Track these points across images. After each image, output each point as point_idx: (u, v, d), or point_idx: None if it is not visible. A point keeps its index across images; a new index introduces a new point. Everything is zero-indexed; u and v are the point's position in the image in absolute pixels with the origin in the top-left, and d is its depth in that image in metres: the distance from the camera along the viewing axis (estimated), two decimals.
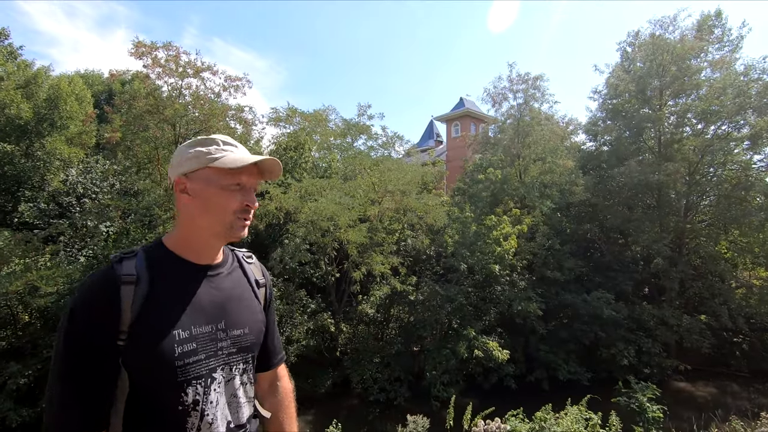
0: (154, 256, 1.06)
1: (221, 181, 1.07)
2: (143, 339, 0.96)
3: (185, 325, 1.01)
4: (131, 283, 0.97)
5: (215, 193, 1.06)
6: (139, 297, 0.97)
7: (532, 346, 12.69)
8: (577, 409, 6.29)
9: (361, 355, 12.34)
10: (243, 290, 1.19)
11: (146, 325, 0.96)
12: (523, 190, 15.26)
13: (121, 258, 1.02)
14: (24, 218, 12.86)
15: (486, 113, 23.66)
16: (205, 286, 1.09)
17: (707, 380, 13.48)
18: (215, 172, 1.06)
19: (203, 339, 1.04)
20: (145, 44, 10.19)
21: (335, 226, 11.46)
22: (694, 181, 14.32)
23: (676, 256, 14.24)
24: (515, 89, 16.41)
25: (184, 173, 1.08)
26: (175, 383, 0.98)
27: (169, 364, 0.97)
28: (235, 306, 1.14)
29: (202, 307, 1.06)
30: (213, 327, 1.07)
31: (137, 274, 0.99)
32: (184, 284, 1.07)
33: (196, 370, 1.01)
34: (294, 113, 13.59)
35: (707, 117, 13.77)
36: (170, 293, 1.03)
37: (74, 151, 14.98)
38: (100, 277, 0.99)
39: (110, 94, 18.08)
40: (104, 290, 0.96)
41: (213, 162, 1.06)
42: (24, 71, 14.60)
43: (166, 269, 1.05)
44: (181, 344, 0.99)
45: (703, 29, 14.13)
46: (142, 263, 1.02)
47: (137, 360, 0.95)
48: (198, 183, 1.07)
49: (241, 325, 1.13)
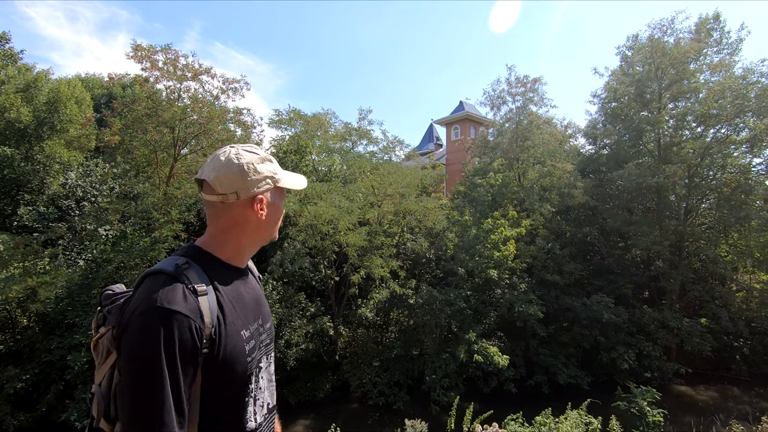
0: (206, 264, 1.11)
1: (278, 198, 1.21)
2: (223, 345, 1.03)
3: (246, 325, 1.13)
4: (205, 294, 1.03)
5: (278, 209, 1.22)
6: (213, 307, 1.04)
7: (532, 349, 12.64)
8: (577, 413, 6.26)
9: (360, 359, 12.28)
10: (259, 287, 1.32)
11: (223, 333, 1.04)
12: (522, 193, 15.25)
13: (182, 269, 1.03)
14: (23, 222, 12.85)
15: (486, 116, 23.70)
16: (246, 287, 1.21)
17: (708, 384, 13.42)
18: (278, 191, 1.21)
19: (255, 335, 1.16)
20: (143, 47, 10.20)
21: (335, 230, 11.44)
22: (694, 184, 14.31)
23: (676, 260, 14.21)
24: (514, 92, 16.43)
25: (264, 191, 1.15)
26: (246, 376, 1.10)
27: (243, 362, 1.08)
28: (262, 302, 1.28)
29: (249, 306, 1.18)
30: (258, 323, 1.19)
31: (204, 284, 1.05)
32: (236, 287, 1.16)
33: (255, 362, 1.14)
34: (297, 115, 13.59)
35: (706, 120, 13.78)
36: (229, 298, 1.11)
37: (74, 155, 14.99)
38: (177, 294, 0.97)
39: (110, 97, 18.11)
40: (189, 306, 0.97)
41: (278, 182, 1.19)
42: (24, 75, 14.63)
43: (219, 275, 1.12)
44: (247, 342, 1.11)
45: (701, 32, 14.15)
46: (201, 273, 1.07)
47: (217, 366, 1.01)
48: (270, 199, 1.18)
49: (268, 318, 1.28)
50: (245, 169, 1.13)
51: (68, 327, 9.40)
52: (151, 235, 10.59)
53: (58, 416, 8.52)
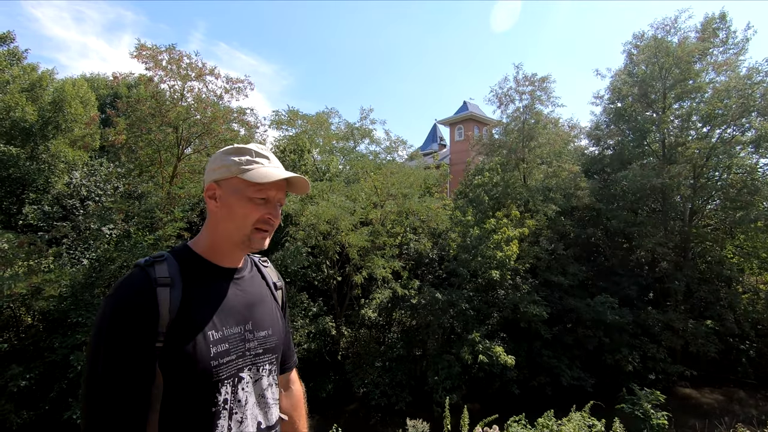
0: (184, 259, 1.08)
1: (247, 193, 1.08)
2: (180, 340, 0.97)
3: (218, 326, 1.04)
4: (167, 285, 0.99)
5: (239, 203, 1.09)
6: (175, 299, 0.99)
7: (535, 351, 12.57)
8: (580, 415, 6.21)
9: (362, 359, 12.27)
10: (264, 293, 1.23)
11: (183, 327, 0.98)
12: (527, 194, 15.19)
13: (152, 262, 1.03)
14: (28, 220, 12.93)
15: (489, 116, 23.63)
16: (232, 288, 1.12)
17: (713, 386, 13.30)
18: (243, 183, 1.09)
19: (234, 339, 1.06)
20: (147, 47, 10.24)
21: (336, 230, 11.43)
22: (699, 184, 14.19)
23: (681, 261, 14.10)
24: (521, 90, 16.34)
25: (215, 180, 1.11)
26: (210, 383, 1.00)
27: (206, 365, 0.99)
28: (259, 308, 1.17)
29: (231, 308, 1.09)
30: (241, 328, 1.10)
31: (171, 277, 1.01)
32: (214, 286, 1.09)
33: (228, 370, 1.04)
34: (295, 116, 13.60)
35: (712, 120, 13.66)
36: (202, 295, 1.05)
37: (78, 154, 15.06)
38: (135, 279, 0.99)
39: (115, 97, 18.20)
40: (143, 292, 0.96)
41: (243, 173, 1.08)
42: (29, 75, 14.72)
43: (196, 272, 1.07)
44: (215, 345, 1.02)
45: (707, 32, 14.04)
46: (174, 266, 1.04)
47: (174, 361, 0.96)
48: (226, 191, 1.10)
49: (266, 326, 1.17)
50: (211, 161, 1.14)
51: (71, 326, 9.43)
52: (155, 234, 10.61)
53: (61, 414, 8.56)
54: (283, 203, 1.17)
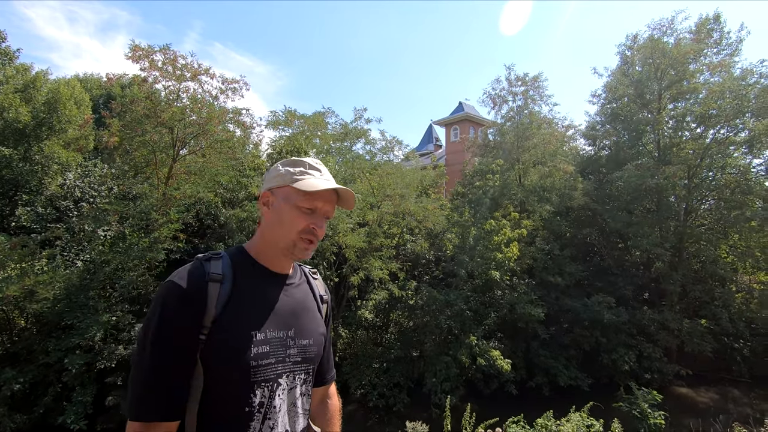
0: (238, 259, 1.14)
1: (297, 202, 1.13)
2: (223, 336, 1.00)
3: (262, 328, 1.06)
4: (218, 281, 1.04)
5: (288, 210, 1.13)
6: (223, 295, 1.03)
7: (532, 351, 12.59)
8: (579, 415, 6.23)
9: (360, 360, 12.23)
10: (311, 302, 1.25)
11: (227, 323, 1.01)
12: (522, 194, 15.22)
13: (210, 257, 1.09)
14: (21, 222, 12.78)
15: (485, 117, 23.68)
16: (280, 293, 1.16)
17: (709, 385, 13.39)
18: (294, 192, 1.13)
19: (275, 343, 1.08)
20: (141, 48, 10.16)
21: (333, 231, 11.39)
22: (694, 185, 14.28)
23: (676, 261, 14.18)
24: (514, 91, 16.40)
25: (270, 188, 1.17)
26: (247, 383, 1.02)
27: (245, 364, 1.01)
28: (304, 316, 1.19)
29: (277, 312, 1.12)
30: (284, 333, 1.11)
31: (223, 273, 1.06)
32: (263, 288, 1.13)
33: (266, 373, 1.05)
34: (293, 116, 13.54)
35: (706, 121, 13.76)
36: (250, 295, 1.09)
37: (72, 155, 14.92)
38: (190, 271, 1.04)
39: (109, 97, 18.05)
40: (194, 284, 1.01)
41: (294, 182, 1.13)
42: (23, 75, 14.56)
43: (247, 272, 1.12)
44: (257, 345, 1.04)
45: (701, 33, 14.14)
46: (228, 264, 1.10)
47: (214, 356, 0.99)
48: (278, 199, 1.15)
49: (308, 335, 1.18)
50: (271, 169, 1.22)
51: (65, 329, 9.33)
52: (150, 235, 10.52)
53: (56, 419, 8.46)
54: (330, 216, 1.19)
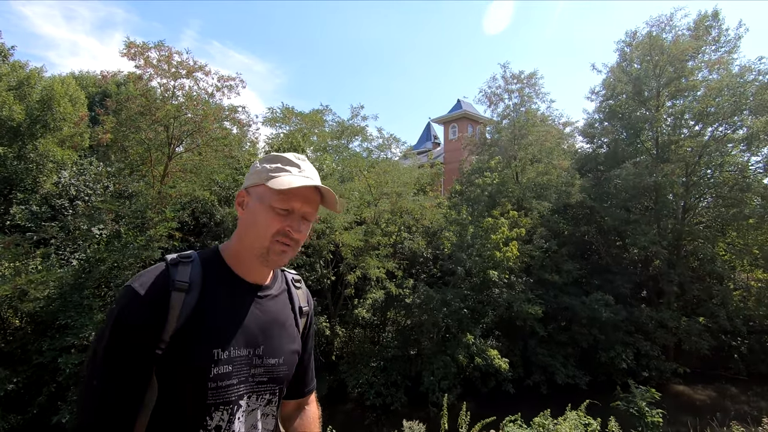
0: (209, 265, 1.03)
1: (272, 202, 1.01)
2: (182, 352, 0.91)
3: (225, 345, 0.96)
4: (183, 290, 0.94)
5: (262, 212, 1.02)
6: (188, 307, 0.93)
7: (530, 349, 12.57)
8: (576, 414, 6.19)
9: (357, 359, 12.19)
10: (286, 316, 1.14)
11: (188, 339, 0.92)
12: (519, 191, 15.17)
13: (178, 262, 0.99)
14: (16, 221, 12.67)
15: (483, 115, 23.62)
16: (251, 307, 1.05)
17: (706, 383, 13.39)
18: (268, 191, 1.01)
19: (239, 363, 0.98)
20: (136, 44, 10.05)
21: (330, 228, 11.33)
22: (692, 182, 14.27)
23: (674, 259, 14.17)
24: (510, 89, 16.35)
25: (246, 187, 1.07)
26: (203, 405, 0.92)
27: (202, 385, 0.92)
28: (277, 333, 1.09)
29: (246, 328, 1.01)
30: (250, 351, 1.01)
31: (190, 282, 0.96)
32: (233, 300, 1.02)
33: (226, 395, 0.95)
34: (290, 113, 13.45)
35: (704, 118, 13.74)
36: (217, 308, 0.98)
37: (67, 153, 14.79)
38: (153, 277, 0.95)
39: (104, 95, 17.92)
40: (155, 292, 0.92)
41: (268, 180, 1.01)
42: (17, 72, 14.41)
43: (218, 281, 1.01)
44: (218, 366, 0.94)
45: (699, 29, 14.10)
46: (198, 270, 0.99)
47: (170, 373, 0.91)
48: (253, 198, 1.05)
49: (278, 354, 1.07)
50: (251, 166, 1.10)
51: (60, 328, 9.25)
52: (146, 234, 10.44)
53: (50, 418, 8.39)
54: (311, 218, 1.07)
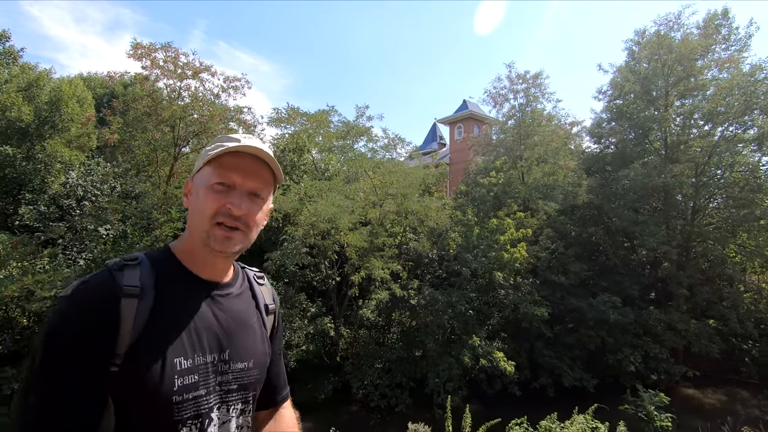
0: (161, 265, 0.91)
1: (210, 180, 0.91)
2: (140, 366, 0.80)
3: (188, 353, 0.86)
4: (134, 296, 0.82)
5: (199, 193, 0.92)
6: (142, 314, 0.82)
7: (536, 351, 12.44)
8: (583, 417, 6.09)
9: (361, 360, 12.14)
10: (251, 316, 1.04)
11: (146, 349, 0.81)
12: (525, 192, 15.06)
13: (123, 265, 0.86)
14: (24, 221, 12.81)
15: (489, 115, 23.51)
16: (212, 307, 0.94)
17: (716, 387, 13.19)
18: (208, 171, 0.92)
19: (205, 370, 0.88)
20: (143, 45, 10.12)
21: (335, 229, 11.31)
22: (701, 183, 14.06)
23: (683, 260, 13.97)
24: (515, 89, 16.25)
25: (192, 175, 0.98)
26: (169, 422, 0.82)
27: (166, 399, 0.81)
28: (242, 334, 0.98)
29: (208, 331, 0.91)
30: (215, 357, 0.91)
31: (141, 286, 0.84)
32: (191, 302, 0.91)
33: (194, 409, 0.85)
34: (295, 113, 13.46)
35: (714, 118, 13.53)
36: (175, 312, 0.88)
37: (75, 154, 14.94)
38: (96, 286, 0.82)
39: (111, 96, 18.08)
40: (101, 303, 0.80)
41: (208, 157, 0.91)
42: (27, 74, 14.59)
43: (172, 283, 0.90)
44: (182, 376, 0.83)
45: (709, 28, 13.90)
46: (147, 273, 0.87)
47: (130, 391, 0.79)
48: (195, 185, 0.95)
49: (246, 357, 0.97)
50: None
51: None
52: (152, 234, 10.50)
53: None
54: (261, 194, 0.95)
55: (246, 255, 5.50)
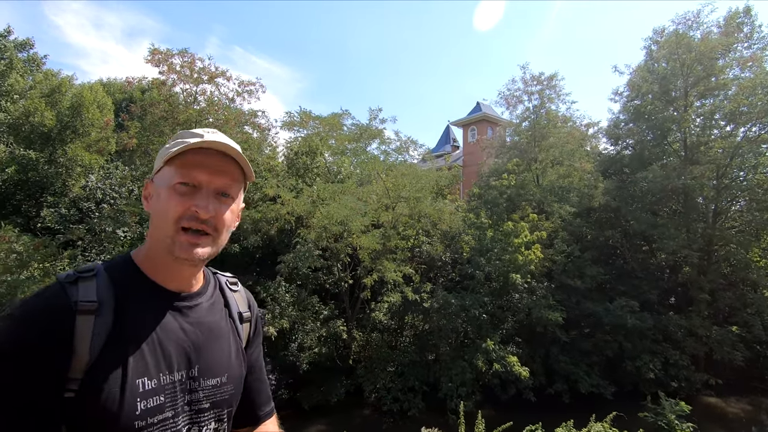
0: (120, 276, 0.83)
1: (172, 180, 0.83)
2: (98, 390, 0.72)
3: (151, 372, 0.78)
4: (90, 312, 0.75)
5: (160, 195, 0.84)
6: (101, 332, 0.75)
7: (552, 356, 12.22)
8: (600, 426, 5.94)
9: (374, 364, 12.10)
10: (223, 327, 0.96)
11: (104, 371, 0.74)
12: (540, 194, 14.86)
13: (77, 278, 0.78)
14: (46, 223, 13.15)
15: (503, 117, 23.33)
16: (179, 321, 0.87)
17: (740, 396, 12.76)
18: (169, 170, 0.84)
19: (172, 391, 0.82)
20: (161, 51, 10.33)
21: (347, 232, 11.32)
22: (723, 185, 13.67)
23: (704, 264, 13.59)
24: (530, 90, 16.10)
25: (151, 176, 0.89)
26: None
27: (129, 425, 0.74)
28: (213, 348, 0.91)
29: (174, 347, 0.84)
30: (183, 374, 0.84)
31: (99, 301, 0.77)
32: (155, 316, 0.84)
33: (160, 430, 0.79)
34: (307, 117, 13.56)
35: (736, 118, 13.17)
36: (137, 327, 0.80)
37: (95, 158, 15.29)
38: (46, 301, 0.75)
39: (130, 101, 18.50)
40: (52, 322, 0.72)
41: (169, 156, 0.83)
42: (50, 81, 15.02)
43: (133, 295, 0.83)
44: (145, 398, 0.77)
45: (730, 26, 13.55)
46: (105, 285, 0.79)
47: (87, 418, 0.72)
48: (157, 186, 0.86)
49: (219, 372, 0.91)
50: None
51: None
52: None
53: None
54: (230, 193, 0.87)
55: (259, 258, 5.60)
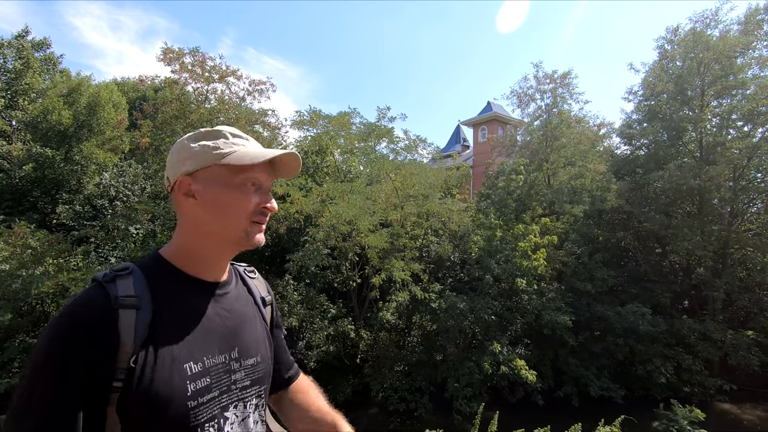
0: (154, 272, 0.89)
1: (234, 180, 0.91)
2: (148, 377, 0.78)
3: (197, 357, 0.85)
4: (132, 307, 0.80)
5: (229, 194, 0.91)
6: (142, 325, 0.80)
7: (561, 359, 12.08)
8: (609, 429, 5.85)
9: (381, 363, 12.10)
10: (251, 310, 1.05)
11: (151, 360, 0.79)
12: (551, 195, 14.68)
13: (114, 276, 0.83)
14: (61, 220, 13.44)
15: (514, 117, 23.13)
16: (215, 308, 0.94)
17: (756, 402, 12.45)
18: (226, 169, 0.91)
19: (217, 372, 0.89)
20: (173, 50, 10.43)
21: (356, 231, 11.33)
22: (740, 186, 13.35)
23: (719, 267, 13.29)
24: (542, 89, 15.90)
25: (187, 172, 0.91)
26: (186, 428, 0.81)
27: (182, 406, 0.80)
28: (247, 330, 0.99)
29: (214, 333, 0.91)
30: (226, 357, 0.92)
31: (137, 295, 0.82)
32: (193, 305, 0.91)
33: (210, 411, 0.85)
34: (317, 116, 13.59)
35: (755, 118, 12.85)
36: (177, 317, 0.87)
37: (109, 156, 15.57)
38: (88, 300, 0.79)
39: (143, 100, 18.81)
40: (97, 318, 0.77)
41: (222, 158, 0.89)
42: (68, 80, 15.33)
43: (169, 288, 0.89)
44: (193, 380, 0.83)
45: (750, 24, 13.21)
46: (141, 282, 0.85)
47: (139, 404, 0.77)
48: (205, 183, 0.91)
49: (254, 352, 0.99)
50: (176, 150, 0.95)
51: None
52: None
53: None
54: (271, 188, 1.01)
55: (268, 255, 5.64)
